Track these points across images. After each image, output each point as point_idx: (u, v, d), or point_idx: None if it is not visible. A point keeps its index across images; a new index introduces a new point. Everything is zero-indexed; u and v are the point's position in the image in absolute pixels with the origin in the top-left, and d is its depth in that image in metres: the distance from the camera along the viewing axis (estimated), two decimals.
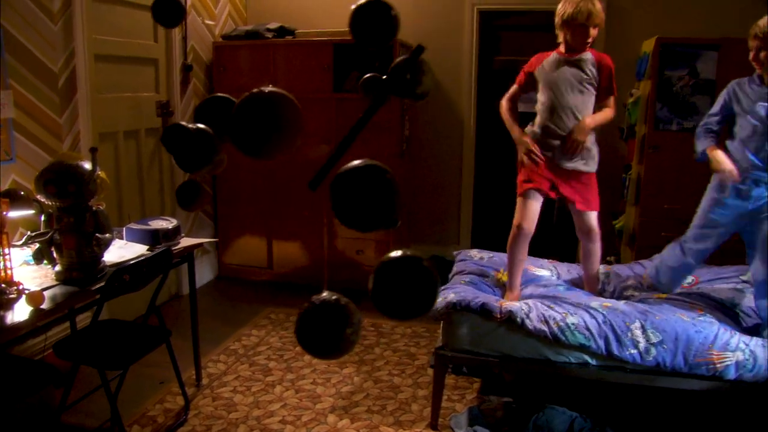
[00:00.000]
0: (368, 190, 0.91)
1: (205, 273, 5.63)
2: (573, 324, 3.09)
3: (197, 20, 5.25)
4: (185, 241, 3.66)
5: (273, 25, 5.39)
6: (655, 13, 5.32)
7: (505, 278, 3.69)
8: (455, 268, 3.95)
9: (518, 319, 3.10)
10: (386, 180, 0.91)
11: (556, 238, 5.33)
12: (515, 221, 3.53)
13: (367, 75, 1.46)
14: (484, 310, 3.15)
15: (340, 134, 5.22)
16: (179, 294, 5.24)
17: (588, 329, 3.08)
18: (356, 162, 0.93)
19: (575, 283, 3.87)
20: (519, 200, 3.54)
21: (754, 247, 3.25)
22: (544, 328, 3.09)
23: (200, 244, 3.78)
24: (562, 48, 3.48)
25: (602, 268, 3.97)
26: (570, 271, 4.06)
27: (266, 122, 1.11)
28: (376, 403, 3.63)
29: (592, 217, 3.59)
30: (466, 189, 5.91)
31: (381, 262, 0.92)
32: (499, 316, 3.13)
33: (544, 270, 4.02)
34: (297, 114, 1.15)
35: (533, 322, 3.10)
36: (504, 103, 3.62)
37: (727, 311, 3.38)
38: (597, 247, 3.67)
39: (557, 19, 3.41)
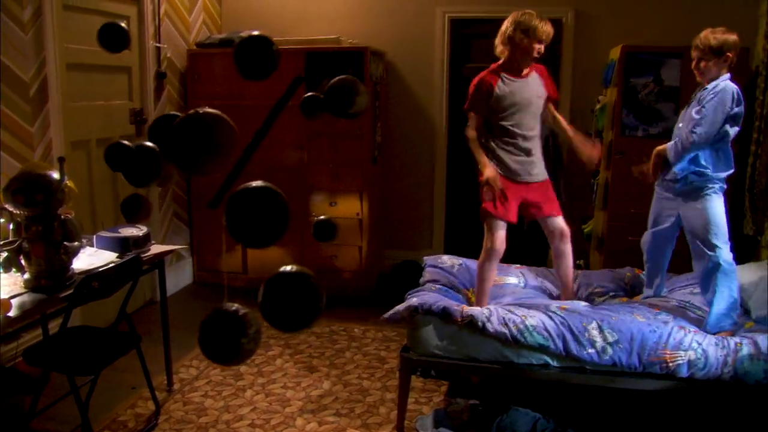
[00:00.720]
0: (261, 209, 0.98)
1: (180, 278, 5.68)
2: (532, 325, 3.18)
3: (171, 28, 5.30)
4: (156, 248, 3.72)
5: (247, 33, 5.44)
6: (622, 21, 5.43)
7: (474, 298, 3.76)
8: (425, 275, 4.02)
9: (479, 323, 3.18)
10: (278, 201, 0.98)
11: (527, 244, 5.42)
12: (487, 245, 3.56)
13: (307, 95, 1.53)
14: (446, 314, 3.23)
15: (312, 141, 5.30)
16: (154, 300, 5.28)
17: (546, 330, 3.17)
18: (252, 183, 1.00)
19: (542, 290, 3.96)
20: (487, 226, 3.57)
21: None
22: (504, 330, 3.17)
23: (171, 251, 3.83)
24: (503, 65, 3.55)
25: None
26: (537, 276, 4.15)
27: (201, 141, 1.18)
28: (345, 406, 3.69)
29: (561, 219, 3.70)
30: (439, 194, 6.00)
31: (272, 276, 0.99)
32: (460, 319, 3.21)
33: (512, 277, 4.10)
34: (231, 133, 1.22)
35: (494, 325, 3.18)
36: (472, 134, 3.58)
37: (686, 310, 3.50)
38: (569, 248, 3.76)
39: (504, 37, 3.49)
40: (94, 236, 3.61)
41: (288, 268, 1.01)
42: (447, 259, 4.22)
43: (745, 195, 4.86)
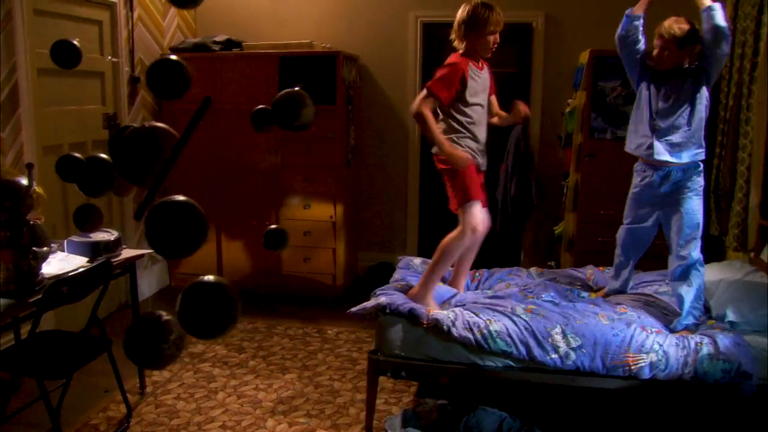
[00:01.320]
0: (179, 223, 1.03)
1: (155, 282, 5.71)
2: (496, 331, 3.23)
3: (144, 33, 5.32)
4: (127, 252, 3.75)
5: (220, 38, 5.49)
6: (591, 26, 5.51)
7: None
8: (395, 275, 4.08)
9: (444, 327, 3.24)
10: (196, 215, 1.03)
11: (499, 246, 5.49)
12: (474, 226, 3.52)
13: (258, 107, 1.58)
14: (412, 316, 3.29)
15: (285, 145, 5.34)
16: (129, 303, 5.29)
17: (510, 336, 3.22)
18: (171, 197, 1.05)
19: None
20: (470, 208, 3.52)
21: None
22: (469, 335, 3.23)
23: (141, 255, 3.86)
24: (468, 55, 3.51)
25: (534, 270, 4.19)
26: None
27: (145, 154, 1.22)
28: (315, 407, 3.74)
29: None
30: (412, 197, 6.06)
31: (189, 285, 1.04)
32: (425, 322, 3.26)
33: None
34: (171, 139, 1.27)
35: (459, 330, 3.24)
36: (429, 114, 3.44)
37: (650, 308, 3.59)
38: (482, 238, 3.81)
39: (465, 26, 3.46)
40: (66, 241, 3.64)
41: (206, 278, 1.06)
42: (419, 262, 4.28)
43: (711, 196, 4.96)
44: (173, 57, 1.25)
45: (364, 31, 5.84)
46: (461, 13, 3.48)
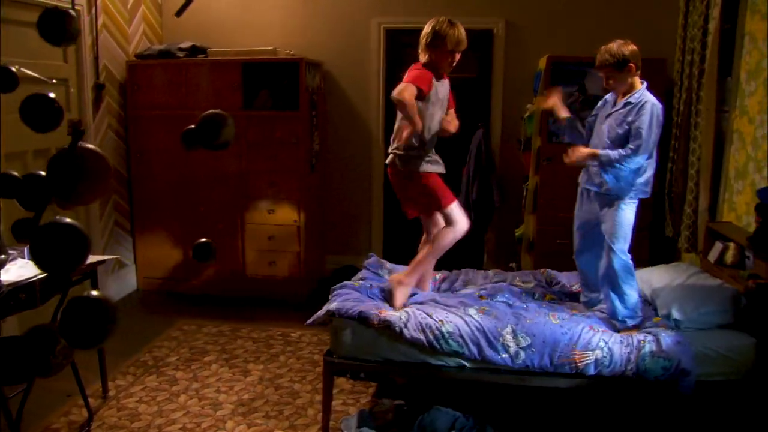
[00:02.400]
0: (62, 243, 1.12)
1: (124, 286, 5.75)
2: (448, 332, 3.33)
3: (109, 39, 5.37)
4: (88, 259, 3.79)
5: (185, 45, 5.55)
6: (549, 32, 5.65)
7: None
8: (360, 273, 4.18)
9: (396, 329, 3.33)
10: (79, 236, 1.12)
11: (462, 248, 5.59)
12: (464, 225, 3.67)
13: (187, 128, 1.65)
14: (362, 318, 3.38)
15: (250, 150, 5.42)
16: None
17: (462, 337, 3.33)
18: (57, 219, 1.14)
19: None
20: (452, 208, 3.66)
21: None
22: (421, 336, 3.33)
23: (102, 261, 3.91)
24: (428, 68, 3.59)
25: (492, 272, 4.31)
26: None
27: (76, 174, 1.30)
28: (275, 408, 3.82)
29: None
30: (377, 201, 6.16)
31: (70, 300, 1.13)
32: (376, 323, 3.36)
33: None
34: (104, 166, 1.35)
35: (410, 332, 3.33)
36: (413, 99, 3.44)
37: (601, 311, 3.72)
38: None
39: (427, 41, 3.55)
40: (26, 248, 3.68)
41: (88, 293, 1.15)
42: (388, 267, 4.36)
43: (665, 199, 5.11)
44: (50, 94, 1.34)
45: (328, 37, 5.93)
46: (426, 27, 3.59)
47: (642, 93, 3.51)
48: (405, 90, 3.41)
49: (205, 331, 4.95)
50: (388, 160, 3.75)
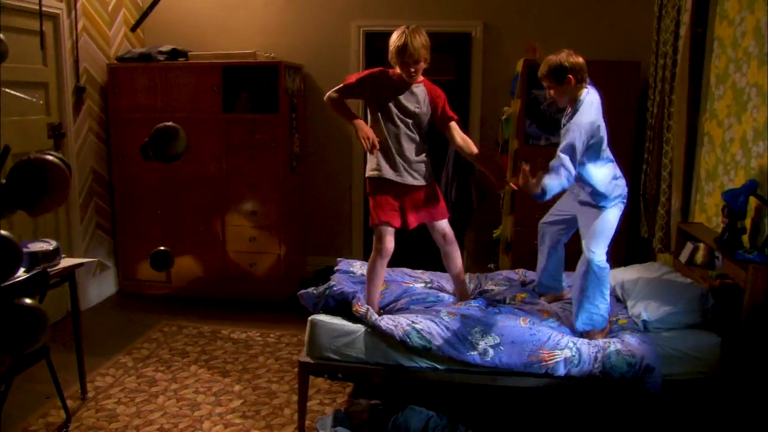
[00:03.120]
0: None
1: (105, 289, 5.78)
2: (419, 329, 3.40)
3: (90, 43, 5.40)
4: (66, 261, 3.84)
5: (166, 48, 5.59)
6: (526, 35, 5.70)
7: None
8: (332, 279, 4.22)
9: (372, 318, 3.43)
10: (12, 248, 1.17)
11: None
12: (378, 246, 3.67)
13: (144, 141, 1.70)
14: (351, 300, 3.58)
15: (230, 153, 5.46)
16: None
17: (431, 333, 3.39)
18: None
19: (446, 290, 4.19)
20: (377, 231, 3.67)
21: None
22: (393, 330, 3.40)
23: (80, 264, 3.95)
24: (396, 75, 3.63)
25: (467, 275, 4.36)
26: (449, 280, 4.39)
27: (35, 185, 1.35)
28: (252, 408, 3.87)
29: (443, 224, 3.88)
30: (357, 202, 6.21)
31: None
32: (359, 308, 3.51)
33: (419, 283, 4.32)
34: (62, 177, 1.40)
35: (385, 323, 3.43)
36: (337, 96, 3.67)
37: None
38: (454, 248, 3.95)
39: (391, 49, 3.55)
40: None
41: (22, 300, 1.20)
42: (359, 266, 4.43)
43: (640, 200, 5.19)
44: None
45: (308, 40, 5.98)
46: (392, 36, 3.57)
47: (577, 109, 3.38)
48: (332, 91, 3.70)
49: (186, 333, 5.00)
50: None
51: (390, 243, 3.68)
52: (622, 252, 5.22)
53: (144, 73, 5.53)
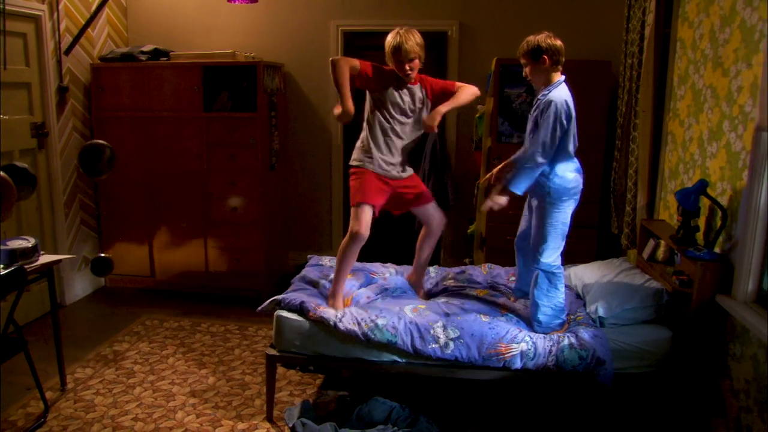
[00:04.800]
0: None
1: (89, 283, 5.92)
2: (382, 324, 3.54)
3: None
4: (44, 258, 3.97)
5: (148, 48, 5.71)
6: (500, 35, 5.83)
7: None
8: (302, 272, 4.36)
9: (331, 323, 3.54)
10: None
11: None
12: (355, 229, 3.73)
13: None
14: (302, 309, 3.65)
15: (211, 150, 5.59)
16: (62, 304, 5.52)
17: (395, 328, 3.53)
18: None
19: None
20: (354, 210, 3.77)
21: None
22: (356, 328, 3.53)
23: (59, 261, 4.08)
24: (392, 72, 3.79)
25: (433, 269, 4.51)
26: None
27: None
28: (224, 399, 4.02)
29: (432, 207, 4.09)
30: (336, 198, 6.34)
31: None
32: (311, 315, 3.58)
33: (386, 274, 4.46)
34: (8, 188, 1.53)
35: (345, 325, 3.54)
36: (346, 66, 3.66)
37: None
38: (438, 233, 4.15)
39: (387, 51, 3.73)
40: None
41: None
42: (327, 261, 4.57)
43: (611, 197, 5.31)
44: None
45: (288, 39, 6.10)
46: (387, 37, 3.73)
47: (550, 90, 3.54)
48: (339, 59, 3.69)
49: (166, 326, 5.14)
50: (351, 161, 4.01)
51: (367, 227, 3.73)
52: (593, 247, 5.35)
53: (127, 73, 5.65)
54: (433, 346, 3.52)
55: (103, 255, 1.74)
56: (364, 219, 3.74)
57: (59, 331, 4.11)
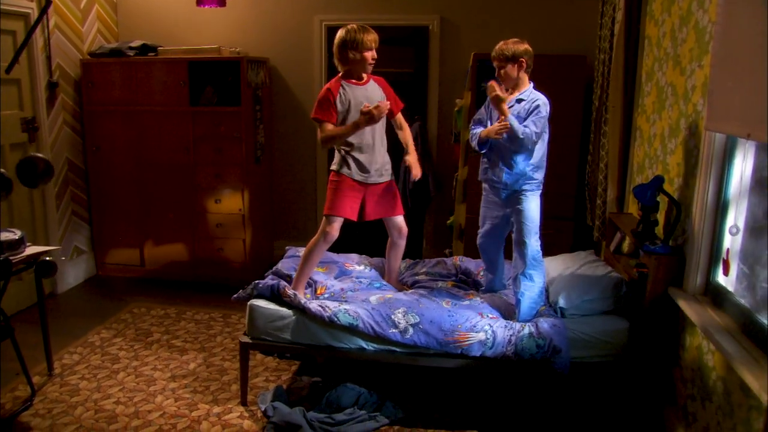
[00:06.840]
0: None
1: (81, 272, 6.11)
2: (345, 309, 3.72)
3: (62, 39, 5.67)
4: (30, 249, 4.14)
5: (136, 43, 5.86)
6: (480, 30, 5.95)
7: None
8: (277, 264, 4.52)
9: (302, 302, 3.76)
10: None
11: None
12: (326, 230, 3.93)
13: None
14: (274, 293, 3.88)
15: (197, 144, 5.75)
16: (54, 293, 5.72)
17: (357, 312, 3.70)
18: None
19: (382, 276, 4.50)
20: (330, 218, 3.94)
21: None
22: (322, 311, 3.71)
23: (45, 252, 4.24)
24: (346, 77, 3.93)
25: (404, 262, 4.67)
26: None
27: None
28: (202, 384, 4.19)
29: (400, 219, 4.22)
30: (321, 190, 6.49)
31: None
32: (287, 297, 3.81)
33: (360, 266, 4.62)
34: None
35: (313, 307, 3.74)
36: (325, 134, 3.88)
37: (496, 298, 4.07)
38: (403, 243, 4.29)
39: (342, 46, 3.83)
40: None
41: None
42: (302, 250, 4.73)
43: (585, 190, 5.45)
44: None
45: (273, 34, 6.24)
46: (338, 35, 3.84)
47: (531, 91, 3.82)
48: (319, 134, 3.89)
49: (153, 314, 5.32)
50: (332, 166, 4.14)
51: (337, 231, 3.96)
52: (570, 239, 5.49)
53: (116, 68, 5.81)
54: (393, 330, 3.67)
55: (47, 258, 1.86)
56: (335, 225, 3.96)
57: (46, 319, 4.29)
